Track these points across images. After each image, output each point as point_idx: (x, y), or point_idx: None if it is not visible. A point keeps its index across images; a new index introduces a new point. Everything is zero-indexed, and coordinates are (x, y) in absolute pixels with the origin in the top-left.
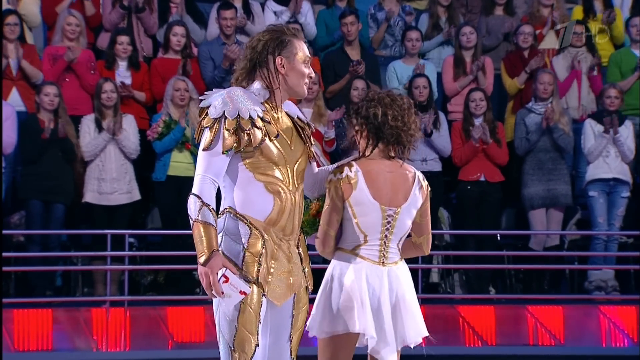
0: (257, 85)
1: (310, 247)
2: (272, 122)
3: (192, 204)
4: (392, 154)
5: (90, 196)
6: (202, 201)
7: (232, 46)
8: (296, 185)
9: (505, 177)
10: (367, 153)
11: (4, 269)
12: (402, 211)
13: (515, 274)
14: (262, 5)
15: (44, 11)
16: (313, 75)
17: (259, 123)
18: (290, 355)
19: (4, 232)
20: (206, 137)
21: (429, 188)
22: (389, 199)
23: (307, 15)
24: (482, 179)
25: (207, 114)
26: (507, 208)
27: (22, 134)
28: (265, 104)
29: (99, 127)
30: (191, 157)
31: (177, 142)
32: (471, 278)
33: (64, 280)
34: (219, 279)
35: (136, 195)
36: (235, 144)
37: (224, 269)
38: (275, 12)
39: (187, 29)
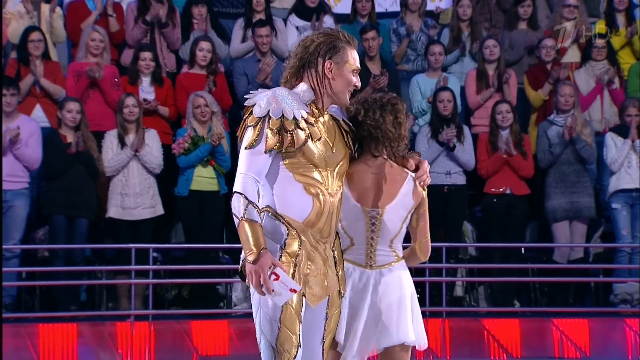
0: (303, 86)
1: None
2: (316, 124)
3: (238, 203)
4: (376, 153)
5: (113, 211)
6: (248, 199)
7: (268, 59)
8: (335, 188)
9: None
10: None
11: (29, 284)
12: (387, 212)
13: (540, 287)
14: (285, 20)
15: (68, 27)
16: (359, 85)
17: (303, 124)
18: (323, 357)
19: (28, 247)
20: (249, 135)
21: (424, 192)
22: (372, 200)
23: None
24: (508, 192)
25: (251, 113)
26: (531, 221)
27: (45, 150)
28: (310, 106)
29: (122, 142)
30: (214, 173)
31: (202, 159)
32: (496, 291)
33: (89, 294)
34: (269, 276)
35: (159, 210)
36: (277, 144)
37: (274, 266)
38: (297, 27)
39: (213, 44)
